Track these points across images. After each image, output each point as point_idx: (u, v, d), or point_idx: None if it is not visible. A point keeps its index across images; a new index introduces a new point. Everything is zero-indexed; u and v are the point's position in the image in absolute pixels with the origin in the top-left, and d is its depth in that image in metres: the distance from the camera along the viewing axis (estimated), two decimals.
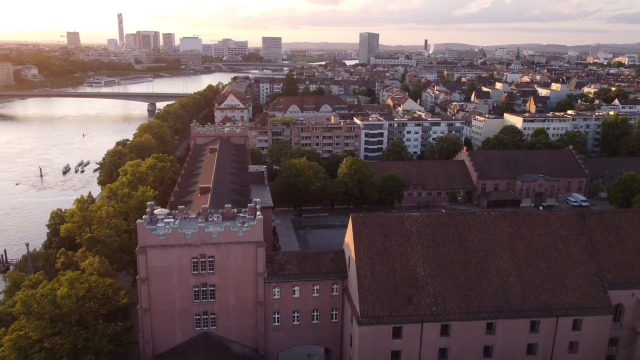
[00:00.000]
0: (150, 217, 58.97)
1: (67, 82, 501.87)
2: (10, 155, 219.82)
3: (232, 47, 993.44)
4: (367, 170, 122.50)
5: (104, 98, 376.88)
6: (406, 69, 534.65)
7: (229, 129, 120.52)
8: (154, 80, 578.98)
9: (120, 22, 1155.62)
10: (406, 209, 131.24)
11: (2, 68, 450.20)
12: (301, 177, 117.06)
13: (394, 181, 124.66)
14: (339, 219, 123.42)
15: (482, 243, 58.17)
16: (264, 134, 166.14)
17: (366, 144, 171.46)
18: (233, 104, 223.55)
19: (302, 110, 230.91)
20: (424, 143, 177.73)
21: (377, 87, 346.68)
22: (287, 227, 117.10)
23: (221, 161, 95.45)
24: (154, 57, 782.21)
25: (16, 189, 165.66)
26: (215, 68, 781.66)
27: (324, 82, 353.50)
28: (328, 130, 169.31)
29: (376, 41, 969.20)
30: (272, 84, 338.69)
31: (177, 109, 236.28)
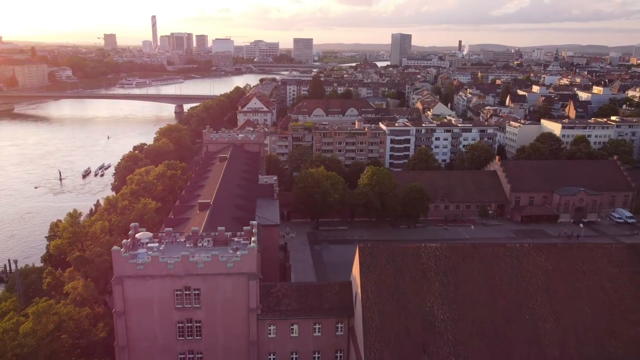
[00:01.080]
0: (133, 241, 52.46)
1: (100, 83, 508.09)
2: (35, 157, 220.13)
3: (264, 48, 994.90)
4: (390, 182, 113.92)
5: (132, 100, 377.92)
6: (439, 71, 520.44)
7: (243, 135, 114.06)
8: (185, 82, 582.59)
9: (154, 24, 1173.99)
10: (432, 223, 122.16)
11: (37, 69, 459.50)
12: (318, 188, 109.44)
13: (419, 193, 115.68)
14: (358, 233, 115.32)
15: (513, 281, 49.22)
16: (284, 140, 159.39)
17: (392, 150, 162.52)
18: (256, 107, 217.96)
19: (327, 113, 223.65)
20: (454, 150, 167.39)
21: (407, 89, 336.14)
22: (302, 242, 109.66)
23: (229, 172, 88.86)
24: (186, 58, 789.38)
25: (34, 193, 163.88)
26: (245, 69, 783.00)
27: (353, 84, 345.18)
28: (351, 135, 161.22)
29: (409, 42, 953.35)
30: (299, 86, 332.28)
31: (200, 111, 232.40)
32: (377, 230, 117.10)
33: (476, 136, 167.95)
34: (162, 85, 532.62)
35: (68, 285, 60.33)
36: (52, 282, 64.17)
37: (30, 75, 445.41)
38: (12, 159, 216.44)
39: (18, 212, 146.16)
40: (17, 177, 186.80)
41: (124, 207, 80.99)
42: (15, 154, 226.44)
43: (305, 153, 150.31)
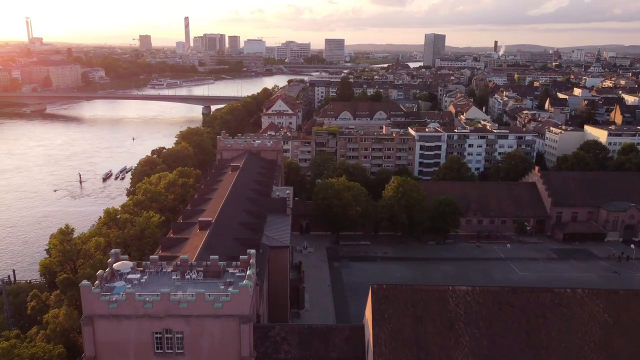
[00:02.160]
0: (111, 272, 45.39)
1: (132, 84, 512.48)
2: (60, 158, 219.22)
3: (295, 49, 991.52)
4: (417, 194, 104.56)
5: (160, 100, 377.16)
6: (473, 72, 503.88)
7: (260, 142, 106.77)
8: (215, 83, 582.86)
9: (186, 25, 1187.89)
10: (463, 239, 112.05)
11: (71, 70, 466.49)
12: (338, 200, 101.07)
13: (449, 206, 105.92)
14: (382, 249, 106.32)
15: (563, 337, 39.86)
16: (307, 145, 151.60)
17: (421, 157, 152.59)
18: (281, 110, 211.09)
19: (354, 117, 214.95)
20: (488, 158, 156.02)
21: (440, 91, 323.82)
22: (320, 257, 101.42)
23: (240, 183, 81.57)
24: (217, 59, 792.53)
25: (53, 196, 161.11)
26: (276, 70, 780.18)
27: (383, 86, 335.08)
28: (378, 141, 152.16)
29: (442, 42, 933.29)
30: (327, 87, 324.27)
31: (225, 113, 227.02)
32: (403, 246, 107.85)
33: (513, 143, 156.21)
34: (192, 86, 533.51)
35: (49, 313, 53.86)
36: (37, 306, 57.91)
37: (64, 76, 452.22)
38: (38, 159, 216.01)
39: (34, 216, 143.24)
40: (40, 178, 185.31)
41: (124, 221, 74.61)
42: (42, 154, 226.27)
43: (328, 159, 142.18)
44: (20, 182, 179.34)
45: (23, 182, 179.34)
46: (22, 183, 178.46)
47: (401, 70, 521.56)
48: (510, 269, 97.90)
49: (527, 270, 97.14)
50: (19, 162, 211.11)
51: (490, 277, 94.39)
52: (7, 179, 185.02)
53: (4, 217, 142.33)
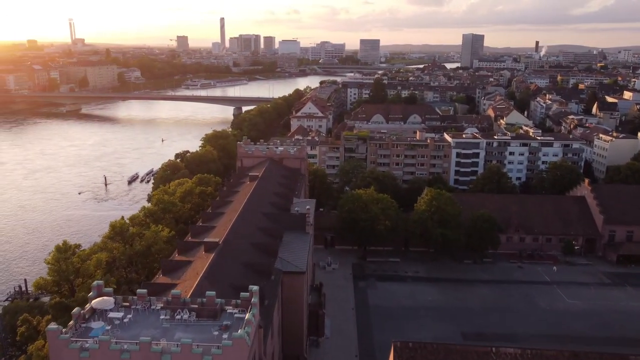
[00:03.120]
0: (89, 310, 38.98)
1: (167, 84, 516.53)
2: (90, 159, 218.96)
3: (330, 49, 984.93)
4: (453, 208, 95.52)
5: (191, 101, 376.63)
6: (513, 74, 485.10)
7: (283, 148, 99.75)
8: (249, 83, 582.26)
9: (222, 26, 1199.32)
10: (503, 258, 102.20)
11: (107, 70, 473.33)
12: (366, 214, 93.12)
13: (488, 223, 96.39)
14: (413, 267, 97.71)
15: None
16: (335, 151, 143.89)
17: (457, 166, 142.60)
18: (311, 112, 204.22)
19: (387, 120, 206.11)
20: (531, 168, 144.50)
21: (478, 93, 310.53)
22: (345, 275, 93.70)
23: (256, 196, 74.69)
24: (252, 60, 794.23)
25: (77, 198, 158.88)
26: (310, 71, 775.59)
27: (418, 88, 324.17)
28: (411, 147, 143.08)
29: (481, 43, 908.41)
30: (360, 89, 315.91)
31: (254, 115, 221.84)
32: (436, 264, 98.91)
33: (558, 152, 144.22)
34: (226, 87, 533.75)
35: (34, 344, 48.16)
36: (26, 332, 52.44)
37: (100, 76, 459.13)
38: (69, 160, 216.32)
39: (57, 219, 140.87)
40: (68, 179, 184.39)
41: (132, 235, 68.87)
42: (73, 154, 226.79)
43: (357, 166, 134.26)
44: (49, 183, 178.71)
45: (51, 183, 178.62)
46: (50, 184, 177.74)
47: (437, 71, 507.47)
48: (557, 296, 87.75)
49: (576, 297, 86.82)
50: (50, 162, 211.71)
51: (534, 305, 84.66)
52: (37, 179, 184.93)
53: (27, 219, 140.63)
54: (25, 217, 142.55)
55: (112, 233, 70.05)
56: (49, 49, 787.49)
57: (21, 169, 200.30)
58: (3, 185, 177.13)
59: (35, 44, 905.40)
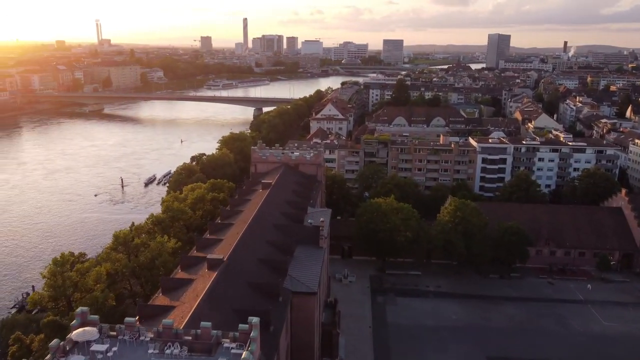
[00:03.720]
0: (73, 342, 34.94)
1: (189, 84, 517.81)
2: (109, 159, 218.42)
3: (352, 49, 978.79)
4: (478, 220, 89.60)
5: (211, 102, 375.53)
6: (540, 75, 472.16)
7: (298, 154, 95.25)
8: (271, 84, 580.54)
9: (245, 26, 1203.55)
10: (532, 273, 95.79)
11: (131, 71, 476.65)
12: (385, 224, 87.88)
13: (516, 235, 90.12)
14: (435, 281, 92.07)
15: None
16: (355, 155, 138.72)
17: (483, 172, 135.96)
18: (331, 114, 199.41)
19: (409, 122, 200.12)
20: (561, 175, 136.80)
21: (504, 95, 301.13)
22: (362, 289, 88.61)
23: (268, 205, 70.34)
24: (274, 60, 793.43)
25: (93, 200, 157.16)
26: (332, 71, 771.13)
27: (442, 89, 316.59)
28: (434, 152, 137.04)
29: (507, 43, 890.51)
30: (382, 90, 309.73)
31: (273, 117, 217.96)
32: (460, 278, 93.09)
33: (591, 158, 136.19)
34: (248, 87, 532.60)
35: None
36: (17, 352, 48.95)
37: (124, 76, 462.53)
38: (89, 160, 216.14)
39: (72, 222, 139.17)
40: (86, 180, 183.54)
41: (136, 246, 65.13)
42: (93, 155, 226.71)
43: (378, 172, 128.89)
44: (67, 184, 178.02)
45: (69, 184, 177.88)
46: (68, 185, 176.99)
47: (462, 72, 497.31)
48: (592, 316, 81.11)
49: (613, 319, 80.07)
50: (70, 162, 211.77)
51: (566, 326, 78.29)
52: (55, 179, 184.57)
53: (42, 222, 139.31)
54: (40, 220, 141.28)
55: (115, 244, 66.44)
56: (77, 50, 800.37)
57: (41, 169, 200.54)
58: (22, 185, 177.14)
59: (63, 44, 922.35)
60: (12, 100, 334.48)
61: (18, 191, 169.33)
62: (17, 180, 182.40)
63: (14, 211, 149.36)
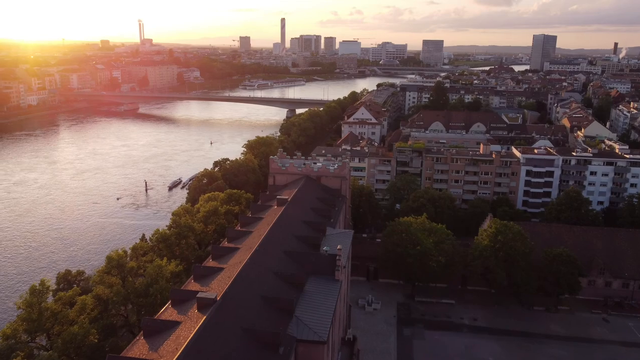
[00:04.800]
0: None
1: (225, 84, 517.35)
2: (139, 160, 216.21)
3: (391, 50, 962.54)
4: (522, 245, 78.75)
5: (242, 103, 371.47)
6: (588, 78, 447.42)
7: (321, 165, 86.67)
8: (306, 84, 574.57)
9: (282, 26, 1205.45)
10: (583, 306, 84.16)
11: (167, 70, 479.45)
12: (415, 248, 78.30)
13: (565, 264, 78.86)
14: (471, 312, 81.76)
15: None
16: (387, 164, 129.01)
17: (527, 185, 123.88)
18: (363, 118, 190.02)
19: (447, 128, 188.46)
20: (616, 191, 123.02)
21: (550, 100, 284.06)
22: (387, 319, 79.26)
23: (281, 226, 62.20)
24: (311, 60, 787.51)
25: (115, 204, 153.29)
26: (369, 72, 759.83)
27: (483, 92, 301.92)
28: (473, 163, 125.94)
29: (553, 44, 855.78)
30: (420, 92, 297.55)
31: (304, 120, 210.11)
32: (499, 310, 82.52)
33: None
34: (283, 88, 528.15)
35: None
36: None
37: (161, 76, 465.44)
38: (118, 160, 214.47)
39: (90, 226, 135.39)
40: (113, 181, 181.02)
41: (130, 270, 58.14)
42: (123, 155, 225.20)
43: (411, 182, 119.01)
44: (93, 185, 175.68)
45: (95, 185, 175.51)
46: (95, 186, 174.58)
47: (505, 74, 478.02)
48: None
49: None
50: (100, 162, 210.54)
51: None
52: (83, 180, 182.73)
53: (62, 226, 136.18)
54: (60, 223, 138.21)
55: (108, 267, 59.63)
56: (120, 49, 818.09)
57: (71, 168, 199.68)
58: (50, 185, 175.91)
59: (107, 44, 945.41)
60: (51, 99, 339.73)
61: (45, 191, 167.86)
62: (46, 180, 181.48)
63: (38, 212, 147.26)
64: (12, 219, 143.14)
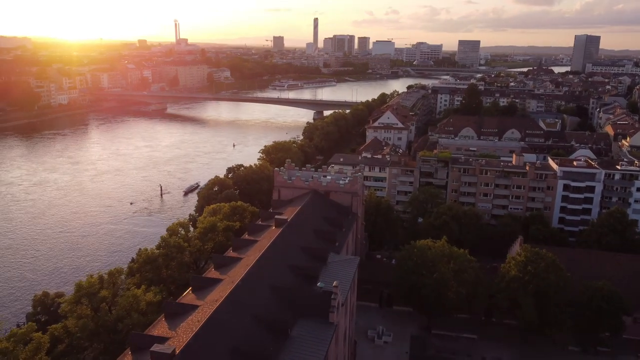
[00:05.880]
0: None
1: (255, 84, 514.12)
2: (160, 161, 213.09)
3: (425, 50, 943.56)
4: (557, 277, 68.40)
5: (269, 104, 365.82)
6: (634, 80, 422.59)
7: (330, 179, 78.50)
8: (337, 85, 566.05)
9: (315, 26, 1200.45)
10: (627, 347, 73.19)
11: (198, 70, 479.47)
12: (431, 277, 69.16)
13: (608, 302, 68.24)
14: (495, 350, 72.08)
15: None
16: (409, 174, 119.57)
17: (564, 201, 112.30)
18: (389, 123, 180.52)
19: (479, 135, 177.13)
20: None
21: (592, 104, 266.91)
22: (398, 355, 70.49)
23: (274, 254, 54.58)
24: (343, 60, 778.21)
25: (128, 209, 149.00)
26: (403, 73, 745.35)
27: (519, 96, 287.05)
28: (504, 175, 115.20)
29: (596, 45, 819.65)
30: (452, 95, 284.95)
31: (327, 123, 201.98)
32: (528, 349, 72.47)
33: None
34: (313, 88, 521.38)
35: None
36: None
37: (191, 76, 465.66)
38: (140, 162, 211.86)
39: (98, 233, 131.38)
40: (131, 183, 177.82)
41: (101, 300, 51.43)
42: (145, 156, 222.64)
43: (434, 196, 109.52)
44: (111, 187, 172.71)
45: (113, 188, 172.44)
46: (112, 188, 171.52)
47: (543, 76, 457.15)
48: None
49: None
50: (121, 163, 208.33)
51: None
52: (102, 182, 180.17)
53: (72, 230, 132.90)
54: (71, 227, 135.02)
55: (77, 296, 53.09)
56: (157, 48, 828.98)
57: (92, 169, 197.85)
58: (69, 186, 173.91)
59: (145, 43, 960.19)
60: (82, 98, 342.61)
61: (62, 193, 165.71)
62: (66, 181, 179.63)
63: (52, 215, 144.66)
64: (26, 221, 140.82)
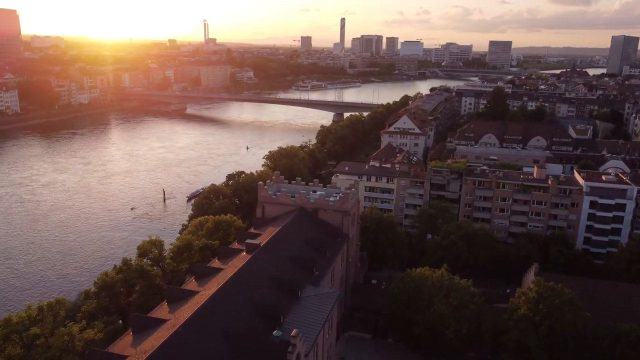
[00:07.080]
0: None
1: (278, 85, 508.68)
2: (172, 163, 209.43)
3: (454, 51, 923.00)
4: (573, 317, 58.72)
5: (287, 105, 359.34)
6: None
7: (319, 196, 70.43)
8: (362, 86, 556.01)
9: (342, 26, 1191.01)
10: None
11: (220, 70, 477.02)
12: (426, 313, 60.27)
13: (635, 349, 58.15)
14: None
15: None
16: (419, 186, 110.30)
17: (590, 219, 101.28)
18: (405, 128, 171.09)
19: (501, 142, 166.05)
20: None
21: (627, 109, 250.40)
22: None
23: (236, 287, 47.01)
24: (369, 61, 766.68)
25: (128, 215, 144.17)
26: (430, 74, 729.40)
27: (549, 99, 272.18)
28: (524, 190, 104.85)
29: (634, 46, 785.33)
30: (477, 98, 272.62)
31: (342, 127, 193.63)
32: None
33: None
34: (337, 89, 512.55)
35: None
36: None
37: (214, 76, 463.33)
38: (151, 163, 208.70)
39: (94, 240, 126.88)
40: (139, 186, 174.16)
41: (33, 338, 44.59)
42: (158, 157, 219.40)
43: (445, 210, 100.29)
44: (116, 190, 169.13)
45: (119, 190, 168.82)
46: (118, 191, 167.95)
47: (577, 79, 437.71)
48: None
49: None
50: (132, 164, 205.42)
51: None
52: (109, 184, 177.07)
53: (68, 236, 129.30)
54: (69, 232, 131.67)
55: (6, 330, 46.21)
56: (185, 48, 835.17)
57: (102, 170, 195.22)
58: (76, 188, 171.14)
59: (174, 43, 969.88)
60: (102, 98, 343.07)
61: (67, 195, 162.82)
62: (74, 183, 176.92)
63: (53, 219, 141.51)
64: (25, 224, 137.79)
